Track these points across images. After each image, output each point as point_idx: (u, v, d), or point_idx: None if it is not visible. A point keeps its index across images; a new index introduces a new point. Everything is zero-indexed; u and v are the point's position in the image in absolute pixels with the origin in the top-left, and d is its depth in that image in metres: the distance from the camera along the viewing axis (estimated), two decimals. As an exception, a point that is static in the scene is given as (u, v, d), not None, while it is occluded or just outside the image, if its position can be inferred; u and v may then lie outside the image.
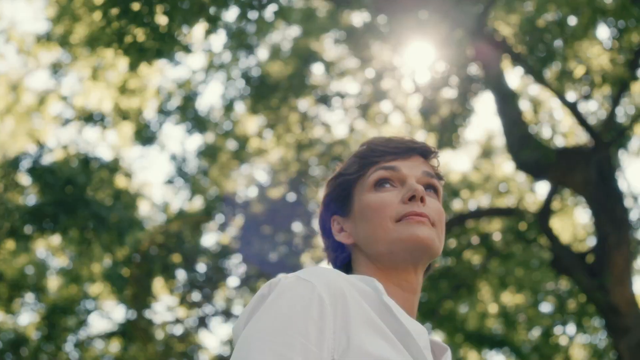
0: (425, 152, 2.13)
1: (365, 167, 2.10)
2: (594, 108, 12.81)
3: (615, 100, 11.07)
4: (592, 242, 13.76)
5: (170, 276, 12.56)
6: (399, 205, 1.99)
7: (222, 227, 14.89)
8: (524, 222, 11.79)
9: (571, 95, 11.53)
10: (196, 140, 18.47)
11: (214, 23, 9.37)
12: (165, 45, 8.35)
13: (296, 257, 14.03)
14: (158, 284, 12.79)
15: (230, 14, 18.64)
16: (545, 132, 13.21)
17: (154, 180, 31.98)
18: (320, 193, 2.24)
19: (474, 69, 12.28)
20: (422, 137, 15.45)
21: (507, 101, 11.43)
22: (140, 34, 8.06)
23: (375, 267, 2.00)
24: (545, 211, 11.73)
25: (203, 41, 13.79)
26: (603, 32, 11.19)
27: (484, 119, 17.94)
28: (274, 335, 1.67)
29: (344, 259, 2.12)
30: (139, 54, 8.17)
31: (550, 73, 11.14)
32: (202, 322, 13.05)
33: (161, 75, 14.96)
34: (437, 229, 2.00)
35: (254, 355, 1.65)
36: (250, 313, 1.79)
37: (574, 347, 14.35)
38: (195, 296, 12.71)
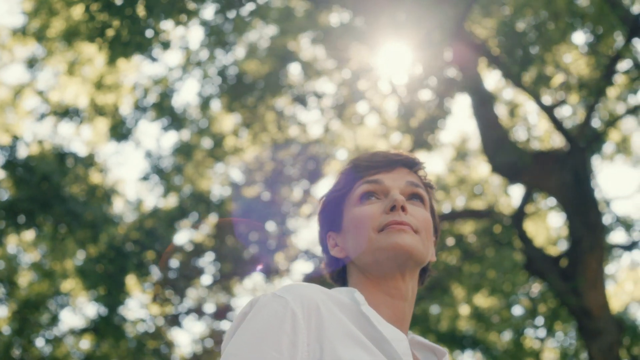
0: (409, 164, 2.20)
1: (351, 182, 2.19)
2: (570, 112, 12.90)
3: (591, 105, 11.16)
4: (565, 245, 13.86)
5: (144, 273, 12.52)
6: (381, 216, 2.06)
7: (196, 225, 14.86)
8: (499, 224, 11.86)
9: (548, 99, 11.59)
10: (172, 138, 18.47)
11: (191, 17, 9.42)
12: (145, 39, 8.37)
13: (270, 256, 14.02)
14: (131, 281, 12.74)
15: (209, 12, 18.58)
16: (521, 136, 13.28)
17: (128, 177, 31.91)
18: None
19: (451, 72, 12.33)
20: (398, 138, 15.50)
21: (484, 104, 11.48)
22: (121, 28, 8.06)
23: (364, 277, 2.08)
24: (520, 214, 11.81)
25: (181, 37, 13.79)
26: (581, 37, 11.26)
27: (459, 121, 18.03)
28: (249, 352, 1.77)
29: (339, 273, 2.20)
30: (121, 48, 8.16)
31: (527, 77, 11.20)
32: (175, 320, 13.02)
33: (137, 71, 14.91)
34: (420, 235, 2.06)
35: None
36: (233, 331, 1.88)
37: (545, 350, 14.43)
38: (168, 294, 12.67)
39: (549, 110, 11.10)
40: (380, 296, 2.04)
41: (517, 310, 13.76)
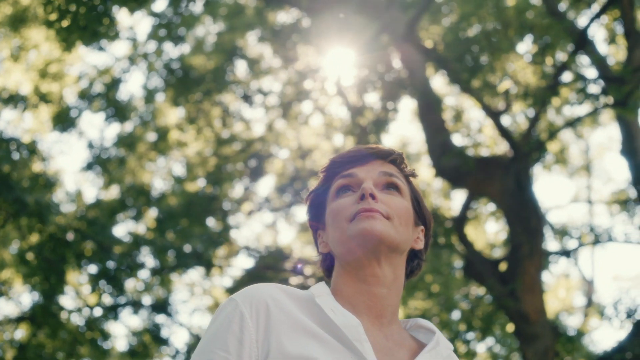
0: (383, 155, 2.24)
1: (329, 179, 2.24)
2: (515, 120, 13.12)
3: (536, 114, 11.36)
4: (502, 251, 14.07)
5: (83, 264, 12.39)
6: (352, 206, 2.10)
7: (137, 218, 14.75)
8: (441, 227, 11.99)
9: (494, 106, 11.77)
10: (115, 129, 18.29)
11: (143, 5, 9.41)
12: (102, 26, 8.33)
13: (210, 251, 13.97)
14: (70, 271, 12.59)
15: (160, 4, 18.48)
16: (466, 141, 13.45)
17: (70, 167, 31.59)
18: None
19: (399, 75, 12.45)
20: (341, 140, 15.60)
21: (430, 108, 11.61)
22: (78, 13, 8.00)
23: (342, 269, 2.13)
24: (461, 218, 11.97)
25: (128, 28, 13.69)
26: (528, 47, 11.46)
27: (401, 124, 18.19)
28: (201, 354, 1.93)
29: (329, 269, 2.24)
30: (78, 33, 8.11)
31: (475, 83, 11.35)
32: (113, 312, 12.91)
33: (83, 61, 14.77)
34: (392, 221, 2.09)
35: None
36: None
37: (481, 354, 14.60)
38: (107, 285, 12.55)
39: (494, 117, 11.27)
40: (357, 285, 2.08)
41: (455, 315, 13.90)
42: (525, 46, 11.44)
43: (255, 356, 1.88)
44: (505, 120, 12.40)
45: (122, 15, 11.63)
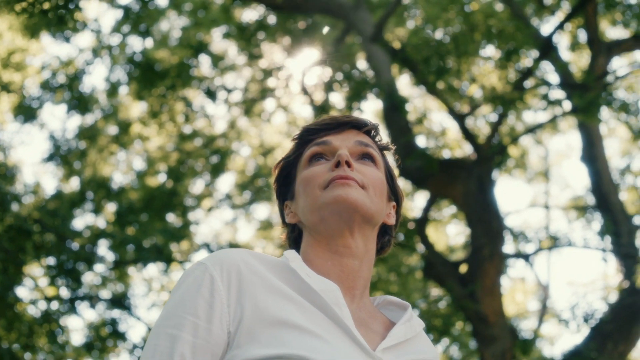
0: (359, 125, 2.20)
1: (301, 147, 2.20)
2: (479, 123, 13.21)
3: (499, 118, 11.46)
4: (464, 253, 14.15)
5: (42, 255, 12.26)
6: (326, 174, 2.05)
7: (96, 211, 14.63)
8: (402, 228, 12.04)
9: (459, 109, 11.84)
10: (76, 121, 18.09)
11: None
12: (68, 13, 8.26)
13: (171, 247, 13.90)
14: (29, 262, 12.46)
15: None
16: (430, 143, 13.52)
17: (30, 158, 31.25)
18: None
19: (364, 74, 12.48)
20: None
21: (395, 108, 11.65)
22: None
23: (313, 239, 2.08)
24: (423, 219, 12.03)
25: (93, 20, 13.57)
26: (494, 51, 11.55)
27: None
28: (167, 319, 1.83)
29: (295, 240, 2.20)
30: (44, 20, 8.04)
31: (440, 85, 11.41)
32: (70, 304, 12.79)
33: (45, 52, 14.63)
34: (368, 191, 2.05)
35: (151, 340, 1.83)
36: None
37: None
38: (65, 278, 12.44)
39: (459, 119, 11.34)
40: (328, 255, 2.04)
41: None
42: (491, 50, 11.52)
43: (227, 321, 1.80)
44: (471, 123, 12.48)
45: (87, 6, 11.55)
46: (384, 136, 2.28)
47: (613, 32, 13.66)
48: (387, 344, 1.95)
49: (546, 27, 12.91)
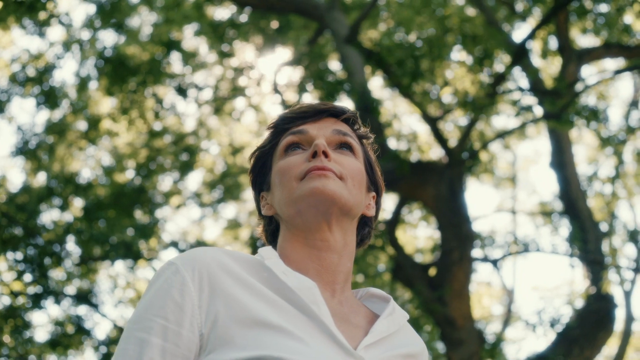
0: (336, 113, 2.13)
1: (277, 136, 2.12)
2: (451, 127, 13.26)
3: (471, 122, 11.50)
4: (432, 256, 14.18)
5: (8, 249, 12.13)
6: (303, 164, 1.99)
7: (63, 207, 14.50)
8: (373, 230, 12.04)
9: (432, 112, 11.88)
10: (45, 115, 17.93)
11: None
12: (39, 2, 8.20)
13: (138, 244, 13.81)
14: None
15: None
16: (402, 145, 13.55)
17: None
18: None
19: (336, 75, 12.48)
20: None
21: (368, 110, 11.67)
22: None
23: (290, 232, 2.01)
24: (393, 221, 12.04)
25: (63, 14, 13.46)
26: (468, 55, 11.59)
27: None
28: (137, 322, 1.77)
29: (273, 233, 2.14)
30: (13, 7, 7.94)
31: (414, 88, 11.43)
32: (36, 300, 12.66)
33: (15, 45, 14.49)
34: (346, 182, 1.98)
35: (121, 344, 1.77)
36: None
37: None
38: (31, 273, 12.31)
39: (431, 122, 11.37)
40: (306, 250, 1.97)
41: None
42: (464, 55, 11.57)
43: (198, 323, 1.74)
44: (443, 126, 12.53)
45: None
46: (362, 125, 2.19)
47: (584, 40, 13.79)
48: (370, 341, 1.88)
49: (517, 33, 13.00)
